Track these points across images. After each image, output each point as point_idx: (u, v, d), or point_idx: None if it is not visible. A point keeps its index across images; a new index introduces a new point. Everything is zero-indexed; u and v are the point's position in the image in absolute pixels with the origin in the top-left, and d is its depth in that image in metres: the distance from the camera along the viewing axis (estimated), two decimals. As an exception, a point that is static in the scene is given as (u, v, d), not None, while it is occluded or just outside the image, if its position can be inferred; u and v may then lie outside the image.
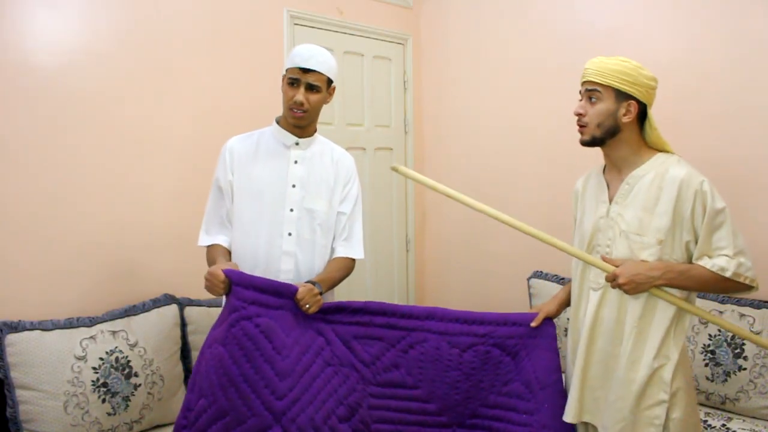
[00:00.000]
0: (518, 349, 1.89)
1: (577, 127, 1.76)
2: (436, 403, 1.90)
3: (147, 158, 2.63)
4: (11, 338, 2.14)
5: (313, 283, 1.88)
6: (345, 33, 3.42)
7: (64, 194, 2.41)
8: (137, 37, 2.59)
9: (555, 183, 3.20)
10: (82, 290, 2.45)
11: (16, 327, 2.17)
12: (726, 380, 2.42)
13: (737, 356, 2.41)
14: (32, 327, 2.20)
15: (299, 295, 1.80)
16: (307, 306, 1.81)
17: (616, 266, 1.66)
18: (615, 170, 1.78)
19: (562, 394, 1.84)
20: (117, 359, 2.30)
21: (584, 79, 1.74)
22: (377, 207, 3.64)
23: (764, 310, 2.41)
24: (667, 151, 1.76)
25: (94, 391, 2.21)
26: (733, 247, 1.61)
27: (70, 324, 2.28)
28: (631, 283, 1.62)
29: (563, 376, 1.93)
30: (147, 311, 2.48)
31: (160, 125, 2.66)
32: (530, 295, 3.11)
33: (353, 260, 2.07)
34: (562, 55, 3.13)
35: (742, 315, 2.44)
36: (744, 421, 2.36)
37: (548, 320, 1.93)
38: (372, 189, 3.60)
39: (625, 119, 1.70)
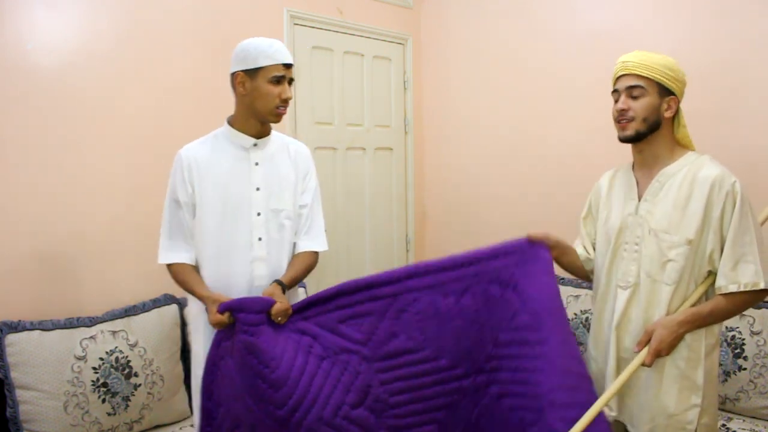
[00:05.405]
0: (516, 279, 1.74)
1: (618, 123, 1.69)
2: (447, 358, 1.78)
3: (148, 157, 2.62)
4: (11, 338, 2.14)
5: (280, 283, 1.85)
6: (345, 33, 3.42)
7: (64, 194, 2.41)
8: (137, 37, 2.59)
9: (554, 182, 3.20)
10: (82, 290, 2.45)
11: (16, 327, 2.17)
12: (726, 380, 2.42)
13: (737, 356, 2.41)
14: (32, 327, 2.20)
15: (273, 311, 1.78)
16: (279, 319, 1.79)
17: (649, 339, 1.62)
18: (645, 167, 1.73)
19: (567, 322, 1.72)
20: (117, 359, 2.30)
21: (625, 72, 1.67)
22: (377, 207, 3.63)
23: (764, 310, 2.42)
24: (692, 149, 1.72)
25: (94, 391, 2.21)
26: (758, 254, 1.58)
27: (70, 324, 2.28)
28: (669, 348, 1.61)
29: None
30: (147, 311, 2.48)
31: (161, 125, 2.66)
32: (530, 295, 3.10)
33: (316, 253, 2.01)
34: (562, 55, 3.13)
35: (742, 315, 2.43)
36: (744, 421, 2.36)
37: (542, 245, 1.77)
38: (372, 189, 3.59)
39: (667, 114, 1.67)
